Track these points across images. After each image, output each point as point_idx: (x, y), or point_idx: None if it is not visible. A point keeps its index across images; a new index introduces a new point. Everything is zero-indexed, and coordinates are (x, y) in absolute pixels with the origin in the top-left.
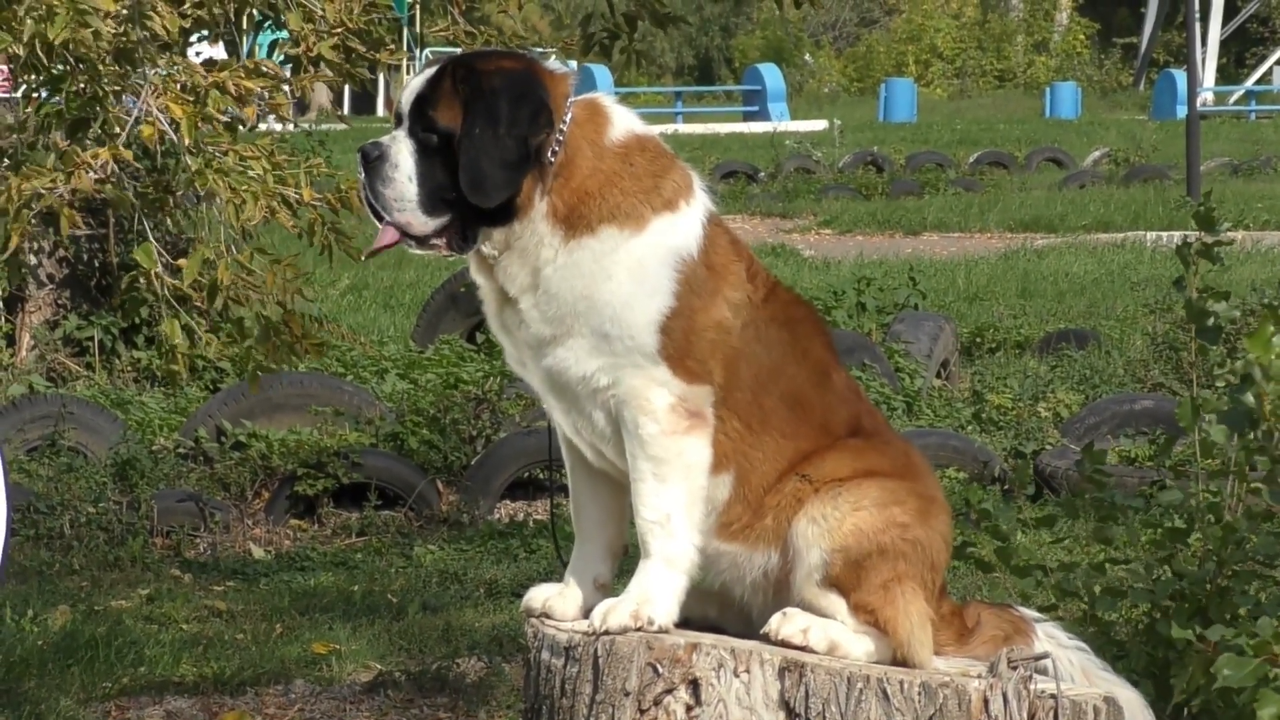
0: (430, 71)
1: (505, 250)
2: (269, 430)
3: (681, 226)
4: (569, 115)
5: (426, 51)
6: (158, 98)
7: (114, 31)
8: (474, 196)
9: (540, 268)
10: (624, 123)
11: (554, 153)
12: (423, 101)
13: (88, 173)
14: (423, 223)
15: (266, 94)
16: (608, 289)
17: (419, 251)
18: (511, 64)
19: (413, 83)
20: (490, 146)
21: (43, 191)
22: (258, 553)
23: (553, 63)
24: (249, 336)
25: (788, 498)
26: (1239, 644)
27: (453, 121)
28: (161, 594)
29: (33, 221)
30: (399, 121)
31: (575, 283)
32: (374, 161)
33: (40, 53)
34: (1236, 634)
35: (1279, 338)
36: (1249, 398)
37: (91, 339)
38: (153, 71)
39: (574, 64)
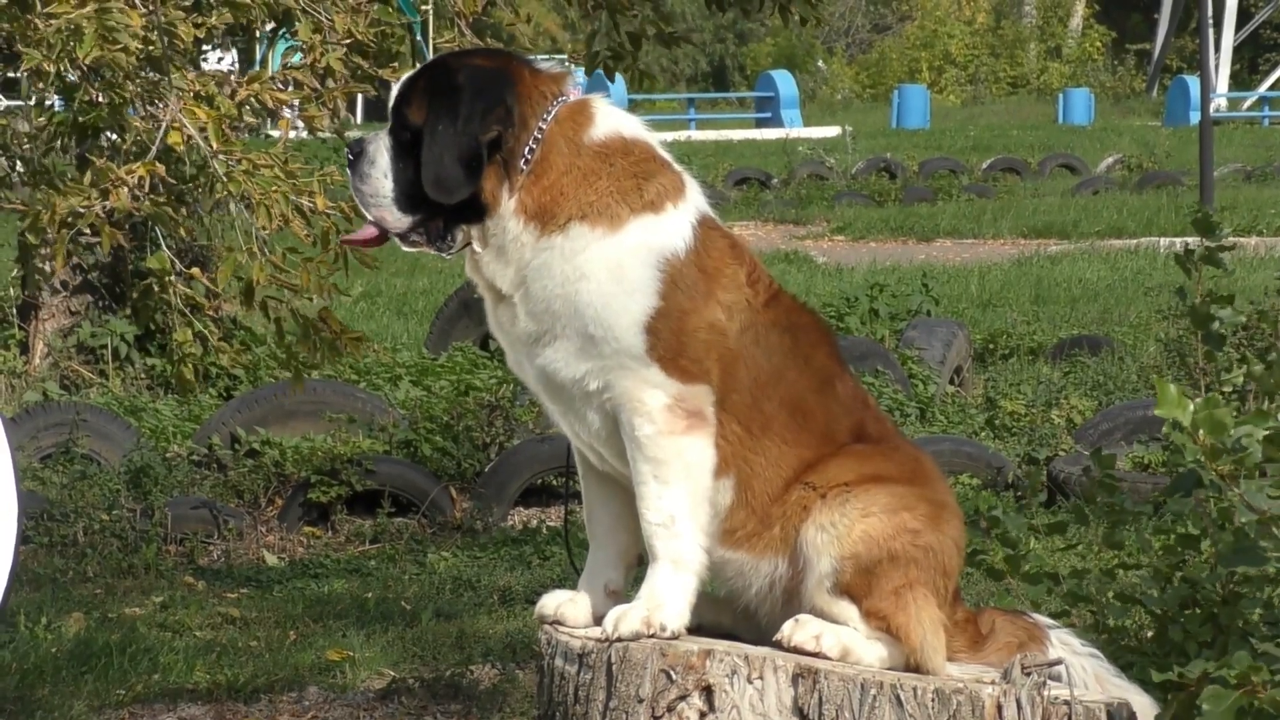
0: (413, 71)
1: (487, 249)
2: (282, 437)
3: (665, 227)
4: (551, 113)
5: None
6: (181, 105)
7: (140, 43)
8: (433, 193)
9: (521, 267)
10: (609, 123)
11: (530, 149)
12: (400, 100)
13: (124, 190)
14: (397, 219)
15: (297, 105)
16: (585, 289)
17: (406, 249)
18: (482, 61)
19: (399, 81)
20: (448, 143)
21: (81, 210)
22: (271, 560)
23: (547, 63)
24: (289, 336)
25: (794, 506)
26: (1221, 675)
27: (421, 119)
28: (175, 601)
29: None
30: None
31: (548, 282)
32: (355, 159)
33: (69, 68)
34: (1219, 667)
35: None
36: (1187, 457)
37: (105, 346)
38: (176, 79)
39: (582, 71)
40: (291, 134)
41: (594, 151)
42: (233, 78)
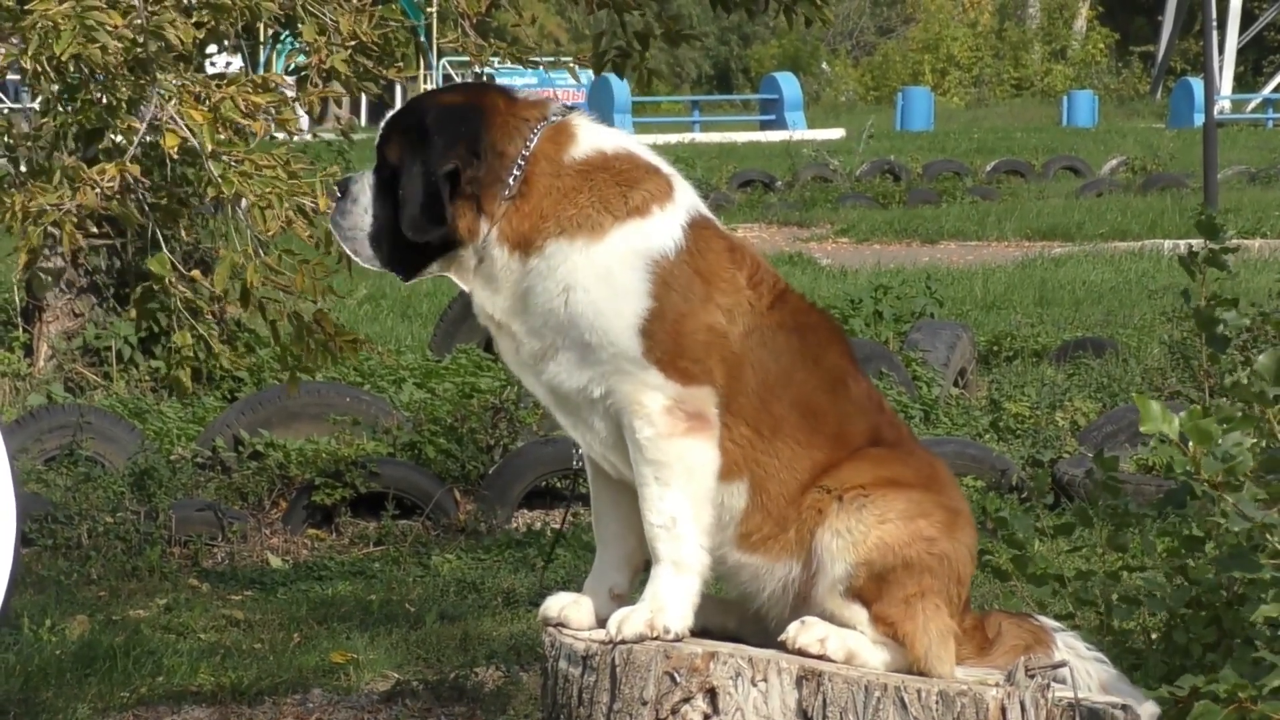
0: (395, 110)
1: (474, 280)
2: (286, 439)
3: (652, 231)
4: (534, 138)
5: (444, 61)
6: (174, 104)
7: (127, 42)
8: (409, 233)
9: (513, 293)
10: (591, 141)
11: (515, 177)
12: (382, 139)
13: (94, 189)
14: (370, 255)
15: (274, 109)
16: (575, 299)
17: (364, 264)
18: (452, 98)
19: (384, 119)
20: (414, 183)
21: (48, 208)
22: (275, 562)
23: (526, 90)
24: (283, 339)
25: (809, 509)
26: (1212, 690)
27: (396, 157)
28: (179, 603)
29: (47, 238)
30: None
31: (540, 300)
32: (341, 197)
33: (48, 67)
34: (1208, 681)
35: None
36: (1176, 470)
37: (109, 348)
38: (168, 80)
39: (588, 75)
40: (286, 135)
41: (575, 171)
42: (214, 84)
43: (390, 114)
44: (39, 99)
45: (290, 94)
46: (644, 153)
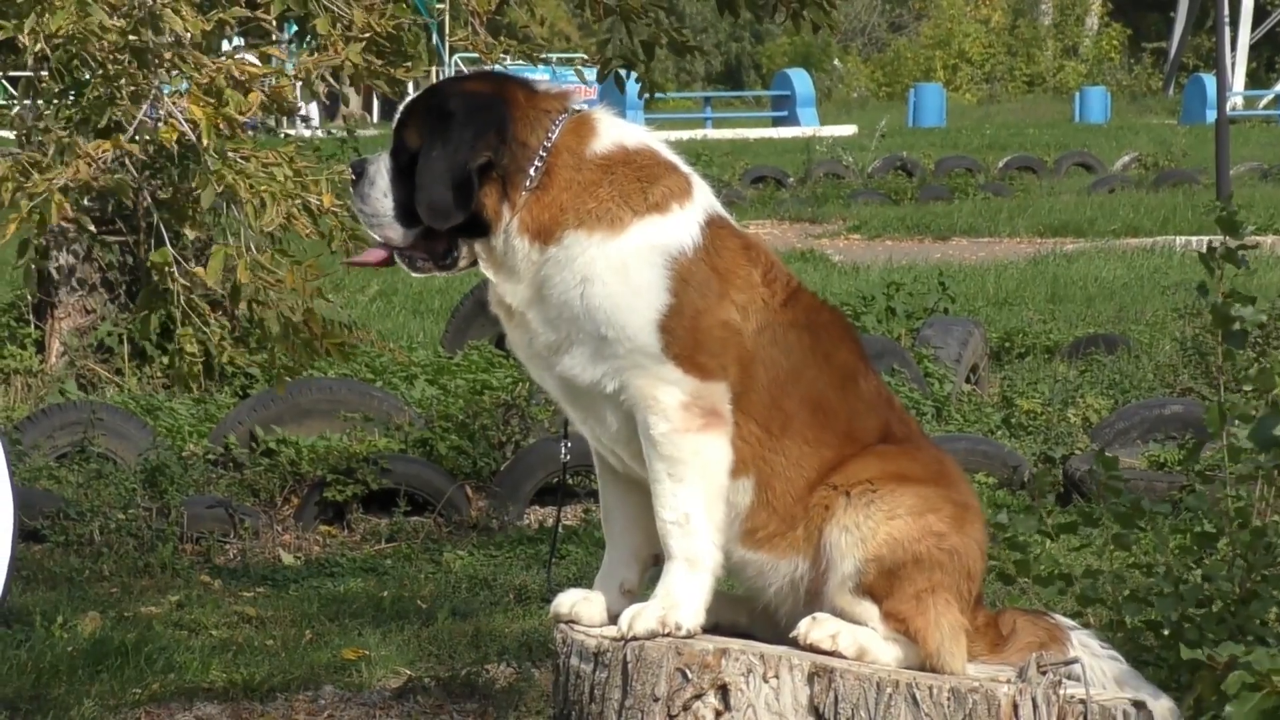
0: (414, 95)
1: (497, 268)
2: (298, 436)
3: (671, 227)
4: (555, 130)
5: (455, 58)
6: (171, 99)
7: (125, 28)
8: (427, 218)
9: (532, 283)
10: (612, 135)
11: (536, 167)
12: (400, 124)
13: (89, 164)
14: (401, 235)
15: (272, 80)
16: (592, 292)
17: (415, 274)
18: (477, 86)
19: (401, 105)
20: (439, 169)
21: (35, 176)
22: (287, 559)
23: (546, 81)
24: (272, 337)
25: (817, 506)
26: (1249, 661)
27: (417, 143)
28: (191, 600)
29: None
30: None
31: (557, 292)
32: (356, 180)
33: (45, 45)
34: (1248, 651)
35: None
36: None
37: (120, 340)
38: (172, 73)
39: (594, 75)
40: (306, 132)
41: (596, 164)
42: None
43: (410, 98)
44: (41, 100)
45: (290, 72)
46: (664, 150)
